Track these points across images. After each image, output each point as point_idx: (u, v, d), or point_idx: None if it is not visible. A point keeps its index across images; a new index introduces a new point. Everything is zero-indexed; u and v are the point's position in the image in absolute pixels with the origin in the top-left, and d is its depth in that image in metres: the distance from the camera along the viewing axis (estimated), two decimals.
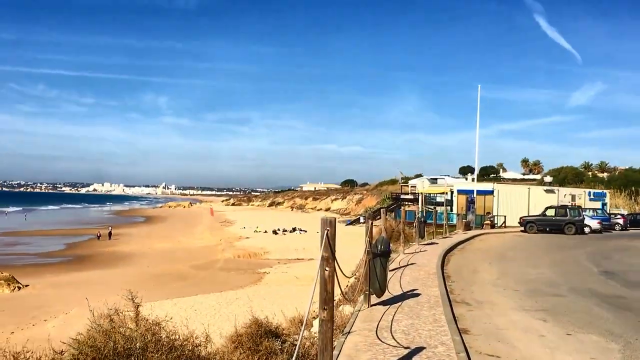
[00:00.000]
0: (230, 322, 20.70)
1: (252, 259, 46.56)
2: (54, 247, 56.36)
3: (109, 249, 53.85)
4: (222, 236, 65.91)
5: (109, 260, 46.88)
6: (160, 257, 48.55)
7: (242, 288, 31.21)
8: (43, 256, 49.57)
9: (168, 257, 47.97)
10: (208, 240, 62.41)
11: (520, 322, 11.33)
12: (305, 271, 37.02)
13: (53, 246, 57.49)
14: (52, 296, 30.22)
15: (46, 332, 20.64)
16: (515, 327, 10.77)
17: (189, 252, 51.71)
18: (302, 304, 20.32)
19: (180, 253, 51.25)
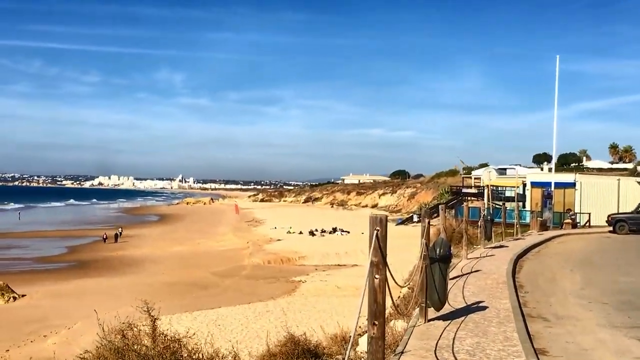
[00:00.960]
0: (260, 340, 20.86)
1: (284, 265, 46.73)
2: (54, 251, 57.40)
3: (116, 253, 54.64)
4: (249, 238, 66.28)
5: (117, 266, 47.56)
6: (176, 262, 49.06)
7: (274, 299, 31.35)
8: (41, 261, 50.53)
9: (186, 263, 48.44)
10: (233, 243, 62.82)
11: (610, 341, 11.15)
12: (348, 280, 36.99)
13: (52, 250, 58.56)
14: (52, 308, 30.79)
15: (46, 349, 21.07)
16: (603, 348, 10.60)
17: (210, 257, 52.11)
18: (344, 319, 20.34)
19: (200, 258, 51.69)
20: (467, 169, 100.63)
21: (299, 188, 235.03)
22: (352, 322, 13.77)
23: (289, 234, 70.26)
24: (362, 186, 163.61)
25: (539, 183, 56.90)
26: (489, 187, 57.65)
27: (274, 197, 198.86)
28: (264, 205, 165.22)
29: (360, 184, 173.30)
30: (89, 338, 20.52)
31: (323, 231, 71.69)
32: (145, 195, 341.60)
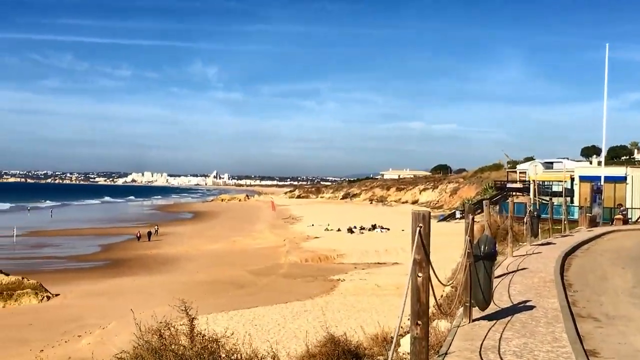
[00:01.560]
0: (298, 340, 20.93)
1: (322, 264, 46.79)
2: (87, 250, 58.20)
3: (151, 252, 55.20)
4: (286, 236, 66.51)
5: (151, 265, 48.05)
6: (211, 261, 49.39)
7: (312, 298, 31.41)
8: (75, 260, 51.26)
9: (221, 261, 48.74)
10: (269, 241, 63.09)
11: None
12: (389, 278, 36.92)
13: (86, 248, 59.38)
14: (86, 307, 31.21)
15: (81, 350, 21.37)
16: None
17: (246, 255, 52.38)
18: (384, 318, 20.30)
19: (235, 256, 51.98)
20: (511, 163, 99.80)
21: (337, 184, 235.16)
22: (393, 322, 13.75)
23: (326, 232, 70.33)
24: (402, 181, 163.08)
25: (587, 177, 56.19)
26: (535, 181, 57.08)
27: (311, 194, 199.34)
28: (300, 201, 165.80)
29: (400, 179, 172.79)
30: (123, 338, 20.78)
31: (362, 228, 71.62)
32: (179, 192, 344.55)
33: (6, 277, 34.65)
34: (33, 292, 33.78)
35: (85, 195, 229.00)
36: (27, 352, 22.65)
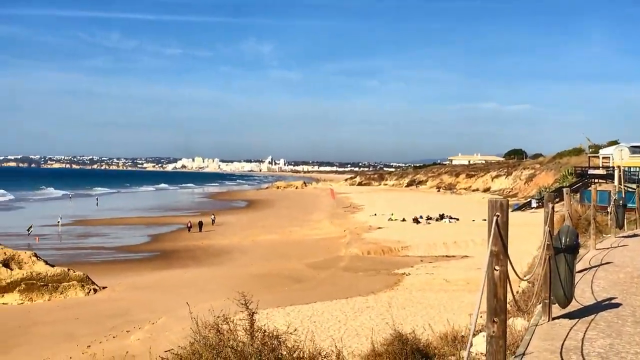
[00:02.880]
0: (360, 338, 20.97)
1: (386, 256, 46.74)
2: (136, 240, 59.18)
3: (202, 243, 55.84)
4: (347, 226, 66.56)
5: (203, 256, 48.61)
6: (266, 252, 49.74)
7: (374, 294, 31.40)
8: (123, 251, 52.18)
9: (277, 253, 49.05)
10: (328, 231, 63.25)
11: None
12: (458, 272, 36.71)
13: (134, 238, 60.41)
14: (134, 301, 31.72)
15: (130, 346, 21.71)
16: None
17: (303, 247, 52.60)
18: (454, 316, 20.20)
19: (292, 248, 52.25)
20: (593, 147, 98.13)
21: (401, 170, 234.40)
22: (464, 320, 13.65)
23: (390, 222, 70.17)
24: (473, 167, 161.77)
25: None
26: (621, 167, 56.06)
27: (374, 181, 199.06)
28: (362, 189, 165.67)
29: (470, 165, 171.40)
30: (174, 334, 21.10)
31: (429, 218, 71.30)
32: (232, 178, 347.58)
33: (51, 268, 35.37)
34: (79, 285, 34.47)
35: (132, 182, 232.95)
36: (74, 347, 23.15)
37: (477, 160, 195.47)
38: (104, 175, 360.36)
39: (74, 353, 22.21)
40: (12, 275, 33.92)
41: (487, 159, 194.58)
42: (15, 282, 33.68)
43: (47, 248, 51.15)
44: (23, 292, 33.48)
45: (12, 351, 23.71)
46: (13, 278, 33.79)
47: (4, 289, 33.52)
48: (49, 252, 46.98)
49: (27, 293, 33.54)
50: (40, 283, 34.03)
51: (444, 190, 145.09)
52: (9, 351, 23.74)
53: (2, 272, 33.85)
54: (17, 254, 36.02)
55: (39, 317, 29.46)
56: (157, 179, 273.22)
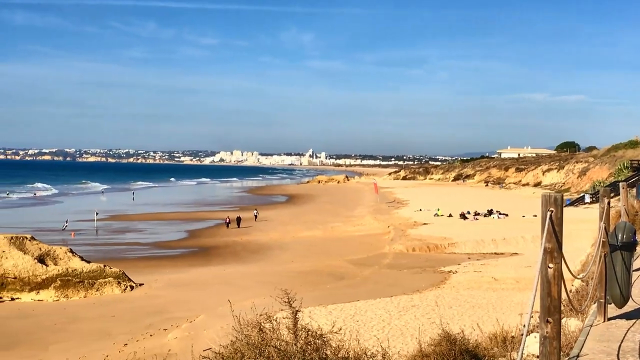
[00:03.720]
0: (404, 338, 20.97)
1: (432, 253, 46.62)
2: (173, 236, 59.65)
3: (241, 239, 56.09)
4: (391, 221, 66.45)
5: (241, 253, 48.86)
6: (307, 249, 49.85)
7: (420, 292, 31.36)
8: (160, 247, 52.62)
9: (318, 250, 49.14)
10: (372, 227, 63.21)
11: None
12: (507, 270, 36.52)
13: (171, 234, 60.89)
14: (171, 298, 32.00)
15: (167, 344, 21.89)
16: None
17: (345, 243, 52.63)
18: (503, 315, 20.10)
19: (334, 244, 52.31)
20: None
21: (448, 164, 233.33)
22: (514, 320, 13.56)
23: (436, 217, 69.92)
24: (523, 161, 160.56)
25: None
26: None
27: (418, 175, 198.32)
28: (406, 183, 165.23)
29: (520, 159, 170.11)
30: (213, 333, 21.20)
31: (476, 214, 70.91)
32: (271, 172, 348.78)
33: (87, 264, 35.82)
34: (115, 282, 34.84)
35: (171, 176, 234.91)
36: (110, 345, 23.43)
37: (527, 153, 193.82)
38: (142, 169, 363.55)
39: (111, 351, 22.48)
40: (47, 271, 34.40)
41: (537, 152, 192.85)
42: (51, 278, 34.16)
43: (83, 244, 51.79)
44: (59, 289, 33.95)
45: (48, 348, 24.08)
46: (49, 274, 34.27)
47: (39, 285, 34.02)
48: (84, 247, 47.55)
49: (63, 290, 33.99)
50: (76, 279, 34.48)
51: (492, 184, 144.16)
52: (46, 348, 24.12)
53: (38, 268, 34.35)
54: (52, 250, 36.52)
55: (75, 314, 29.86)
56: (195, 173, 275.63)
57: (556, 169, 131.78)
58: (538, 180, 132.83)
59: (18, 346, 24.71)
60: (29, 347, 24.44)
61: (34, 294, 33.75)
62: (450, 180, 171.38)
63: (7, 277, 33.99)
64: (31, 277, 34.13)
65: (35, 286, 33.98)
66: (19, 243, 35.68)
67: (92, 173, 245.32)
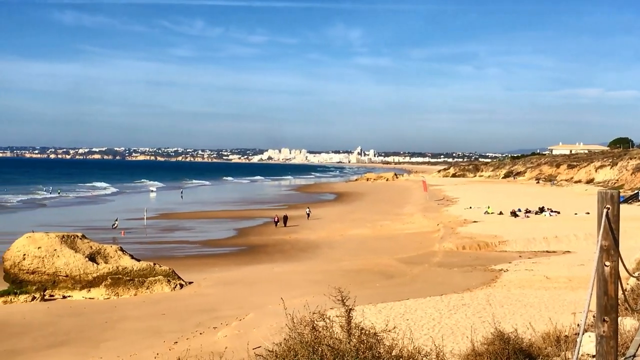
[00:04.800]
0: (455, 337, 20.84)
1: (482, 251, 46.31)
2: (221, 234, 60.07)
3: (289, 237, 56.28)
4: (440, 219, 66.16)
5: (290, 251, 49.03)
6: (356, 247, 49.85)
7: (470, 291, 31.16)
8: (208, 245, 53.01)
9: (367, 248, 49.11)
10: (421, 225, 62.99)
11: None
12: (559, 269, 36.13)
13: (220, 232, 61.33)
14: (221, 296, 32.21)
15: (217, 343, 22.03)
16: None
17: (394, 241, 52.53)
18: (556, 314, 19.92)
19: (382, 242, 52.25)
20: None
21: (498, 161, 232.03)
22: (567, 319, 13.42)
23: (486, 215, 69.46)
24: (575, 158, 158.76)
25: None
26: None
27: (468, 172, 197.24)
28: (456, 181, 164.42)
29: (571, 155, 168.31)
30: (263, 331, 21.27)
31: (527, 211, 70.30)
32: (320, 170, 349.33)
33: (137, 263, 36.21)
34: (165, 280, 35.16)
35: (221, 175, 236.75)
36: (160, 343, 23.65)
37: (579, 149, 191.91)
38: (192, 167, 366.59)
39: (161, 349, 22.68)
40: (98, 269, 34.86)
41: (590, 148, 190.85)
42: (102, 276, 34.62)
43: (133, 242, 52.38)
44: (109, 287, 34.38)
45: (99, 346, 24.39)
46: (99, 272, 34.73)
47: (90, 283, 34.49)
48: (134, 246, 48.08)
49: (114, 288, 34.42)
50: (126, 278, 34.88)
51: (543, 181, 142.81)
52: (97, 346, 24.43)
53: (89, 267, 34.82)
54: (103, 248, 36.99)
55: (126, 312, 30.20)
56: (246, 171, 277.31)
57: (609, 166, 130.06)
58: (590, 177, 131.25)
59: (70, 343, 25.08)
60: (80, 345, 24.79)
61: (85, 292, 34.24)
62: (501, 177, 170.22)
63: (59, 276, 34.52)
64: (82, 276, 34.62)
65: (86, 284, 34.47)
66: (70, 241, 36.19)
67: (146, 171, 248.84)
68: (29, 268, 34.44)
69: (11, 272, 34.56)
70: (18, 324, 28.39)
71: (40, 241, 35.46)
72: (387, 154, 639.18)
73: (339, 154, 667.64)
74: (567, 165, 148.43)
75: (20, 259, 34.66)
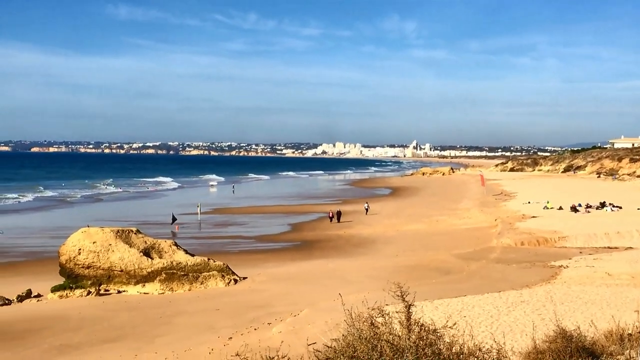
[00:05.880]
0: (514, 334, 20.68)
1: (541, 247, 45.86)
2: (276, 229, 60.38)
3: (344, 232, 56.35)
4: (498, 214, 65.64)
5: (345, 246, 49.09)
6: (412, 242, 49.75)
7: (529, 287, 30.86)
8: (262, 240, 53.32)
9: (423, 243, 48.97)
10: (478, 220, 62.57)
11: None
12: (622, 265, 35.62)
13: (274, 227, 61.65)
14: (275, 292, 32.35)
15: (272, 338, 22.13)
16: None
17: (451, 237, 52.29)
18: (618, 312, 19.67)
19: (439, 238, 52.05)
20: None
21: (557, 155, 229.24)
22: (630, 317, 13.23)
23: (545, 210, 68.73)
24: (637, 151, 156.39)
25: None
26: None
27: (526, 166, 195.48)
28: (514, 175, 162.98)
29: (634, 149, 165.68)
30: (317, 327, 21.33)
31: (588, 206, 69.38)
32: (375, 164, 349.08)
33: (191, 258, 36.50)
34: (219, 275, 35.41)
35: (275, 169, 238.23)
36: (215, 339, 23.83)
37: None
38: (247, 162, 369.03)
39: (215, 345, 22.85)
40: (152, 264, 35.23)
41: None
42: (156, 271, 34.97)
43: (187, 237, 52.86)
44: (164, 282, 34.72)
45: (155, 341, 24.66)
46: (154, 267, 35.10)
47: (145, 278, 34.88)
48: (188, 241, 48.56)
49: (168, 283, 34.76)
50: (181, 273, 35.18)
51: (604, 176, 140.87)
52: (152, 341, 24.71)
53: (143, 261, 35.21)
54: (157, 243, 37.37)
55: (180, 307, 30.49)
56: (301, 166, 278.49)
57: None
58: None
59: (125, 338, 25.40)
60: (135, 339, 25.09)
61: (139, 287, 34.64)
62: (560, 171, 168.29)
63: (114, 270, 34.97)
64: (137, 270, 35.02)
65: (141, 279, 34.86)
66: (125, 236, 36.61)
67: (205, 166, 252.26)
68: (84, 263, 34.95)
69: (67, 266, 35.11)
70: (74, 318, 28.84)
71: (95, 236, 35.94)
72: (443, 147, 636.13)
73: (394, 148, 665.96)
74: (630, 159, 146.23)
75: (75, 253, 35.18)
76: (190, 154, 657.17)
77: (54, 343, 25.04)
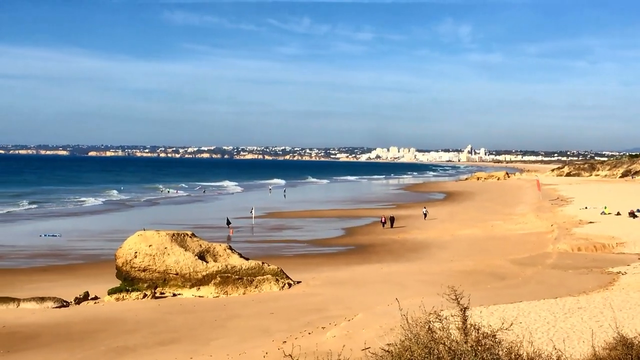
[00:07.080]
0: (571, 341, 20.42)
1: (598, 253, 45.28)
2: (329, 233, 60.48)
3: (398, 237, 56.21)
4: (554, 220, 64.98)
5: (399, 251, 48.98)
6: (466, 247, 49.45)
7: (586, 294, 30.48)
8: (316, 244, 53.44)
9: (478, 248, 48.66)
10: (534, 226, 62.00)
11: None
12: None
13: (327, 231, 61.75)
14: (329, 296, 32.34)
15: (325, 342, 22.11)
16: None
17: (506, 242, 51.87)
18: None
19: (494, 243, 51.68)
20: None
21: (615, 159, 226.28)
22: None
23: (603, 215, 67.86)
24: None
25: None
26: None
27: (583, 171, 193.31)
28: (570, 180, 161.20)
29: None
30: (372, 331, 21.30)
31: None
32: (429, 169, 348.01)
33: (246, 261, 36.68)
34: (273, 279, 35.52)
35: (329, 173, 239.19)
36: (269, 342, 23.90)
37: None
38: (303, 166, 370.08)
39: (270, 348, 22.90)
40: (207, 268, 35.49)
41: None
42: (211, 275, 35.23)
43: (241, 241, 53.19)
44: (218, 285, 34.94)
45: (210, 344, 24.84)
46: (209, 271, 35.35)
47: (200, 281, 35.16)
48: (243, 244, 48.86)
49: (223, 286, 34.96)
50: (235, 276, 35.38)
51: None
52: (207, 343, 24.89)
53: (198, 265, 35.49)
54: (212, 247, 37.64)
55: (235, 310, 30.66)
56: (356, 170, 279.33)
57: None
58: None
59: (180, 341, 25.63)
60: (190, 342, 25.29)
61: (194, 290, 34.91)
62: (618, 176, 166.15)
63: (169, 273, 35.31)
64: (192, 274, 35.31)
65: (196, 282, 35.14)
66: (180, 240, 36.95)
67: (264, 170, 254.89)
68: (140, 266, 35.36)
69: (123, 269, 35.55)
70: (130, 320, 29.18)
71: (151, 239, 36.34)
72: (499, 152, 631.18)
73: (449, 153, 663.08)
74: None
75: (131, 256, 35.61)
76: (244, 158, 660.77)
77: (110, 345, 25.35)
